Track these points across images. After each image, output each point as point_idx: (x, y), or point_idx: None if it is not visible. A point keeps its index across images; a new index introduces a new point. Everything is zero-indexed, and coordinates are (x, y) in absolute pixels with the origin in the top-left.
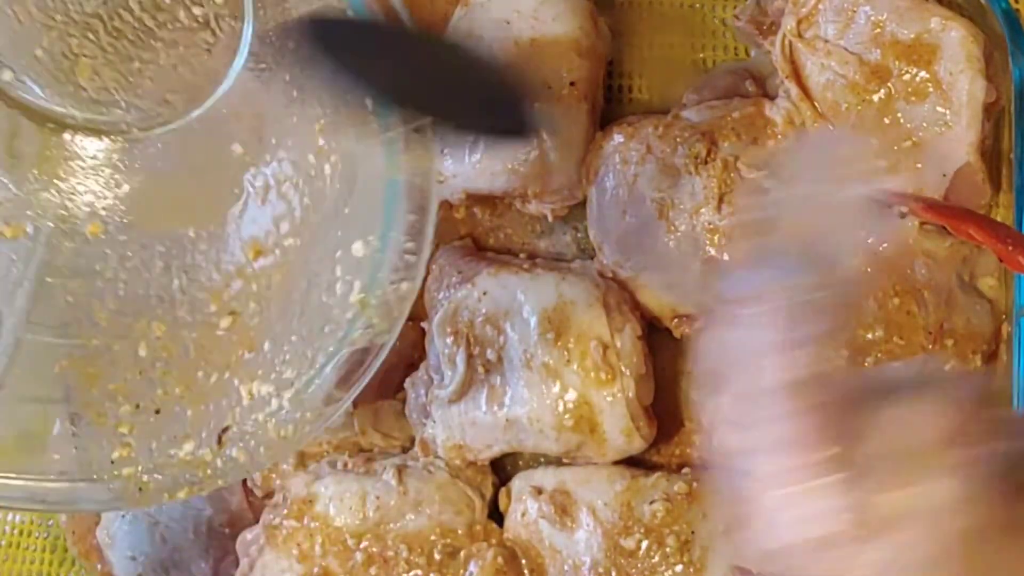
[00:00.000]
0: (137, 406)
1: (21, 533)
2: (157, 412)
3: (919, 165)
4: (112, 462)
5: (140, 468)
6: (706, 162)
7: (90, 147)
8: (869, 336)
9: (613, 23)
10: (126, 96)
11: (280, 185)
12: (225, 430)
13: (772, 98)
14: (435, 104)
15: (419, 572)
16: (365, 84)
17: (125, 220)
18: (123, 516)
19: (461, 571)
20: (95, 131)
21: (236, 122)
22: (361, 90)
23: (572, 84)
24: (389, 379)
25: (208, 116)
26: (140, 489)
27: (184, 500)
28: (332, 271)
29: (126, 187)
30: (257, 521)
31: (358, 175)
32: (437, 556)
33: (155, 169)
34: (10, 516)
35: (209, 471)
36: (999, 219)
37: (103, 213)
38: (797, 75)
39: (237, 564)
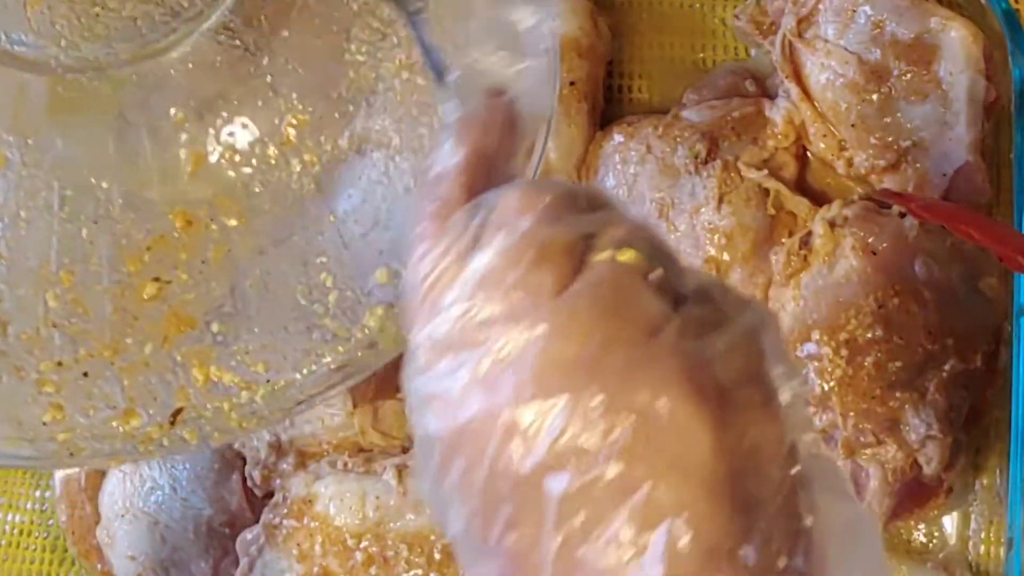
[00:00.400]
0: (59, 363)
1: (21, 533)
2: (85, 375)
3: (919, 165)
4: (44, 424)
5: (77, 435)
6: (706, 162)
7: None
8: (869, 336)
9: (613, 23)
10: (70, 36)
11: (225, 160)
12: (179, 412)
13: (772, 98)
14: None
15: (419, 572)
16: None
17: (30, 156)
18: (123, 516)
19: (461, 571)
20: (17, 62)
21: (181, 87)
22: None
23: (572, 84)
24: (389, 379)
25: (149, 72)
26: (71, 454)
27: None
28: (311, 276)
29: (34, 119)
30: (257, 521)
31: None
32: (437, 556)
33: (73, 112)
34: (10, 516)
35: (151, 447)
36: (999, 219)
37: (7, 141)
38: (797, 75)
39: (237, 564)
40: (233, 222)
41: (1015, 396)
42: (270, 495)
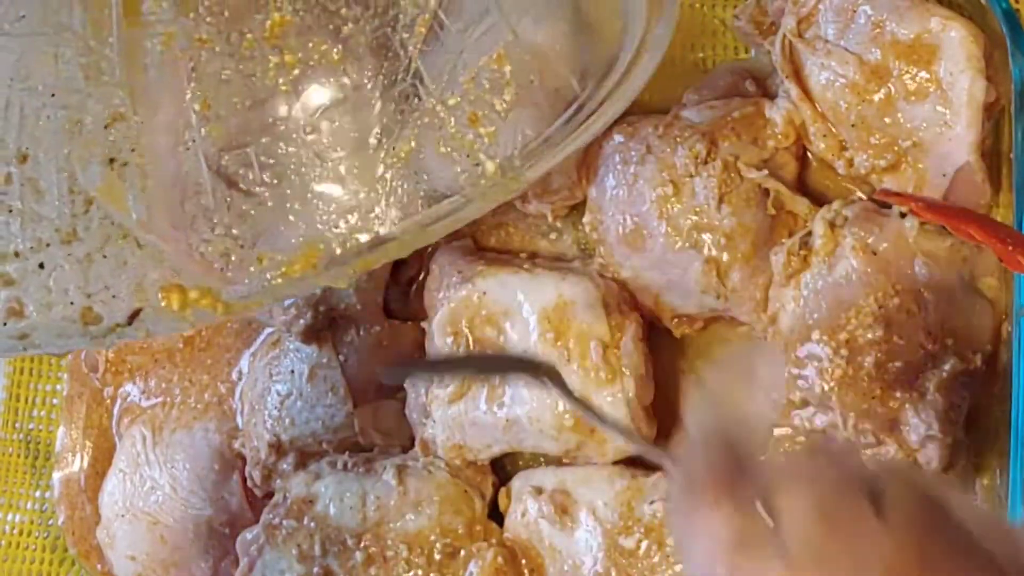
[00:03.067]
0: (16, 254)
1: (21, 533)
2: (41, 266)
3: (919, 165)
4: (3, 325)
5: (38, 334)
6: (706, 162)
7: None
8: (869, 336)
9: None
10: None
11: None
12: (137, 312)
13: (772, 98)
14: None
15: (419, 572)
16: None
17: None
18: (123, 516)
19: (461, 571)
20: None
21: None
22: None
23: None
24: None
25: None
26: (26, 348)
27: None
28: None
29: None
30: (257, 521)
31: None
32: (437, 556)
33: None
34: (10, 516)
35: (106, 338)
36: (999, 219)
37: None
38: (797, 75)
39: (237, 564)
40: (196, 106)
41: (1015, 396)
42: (270, 495)
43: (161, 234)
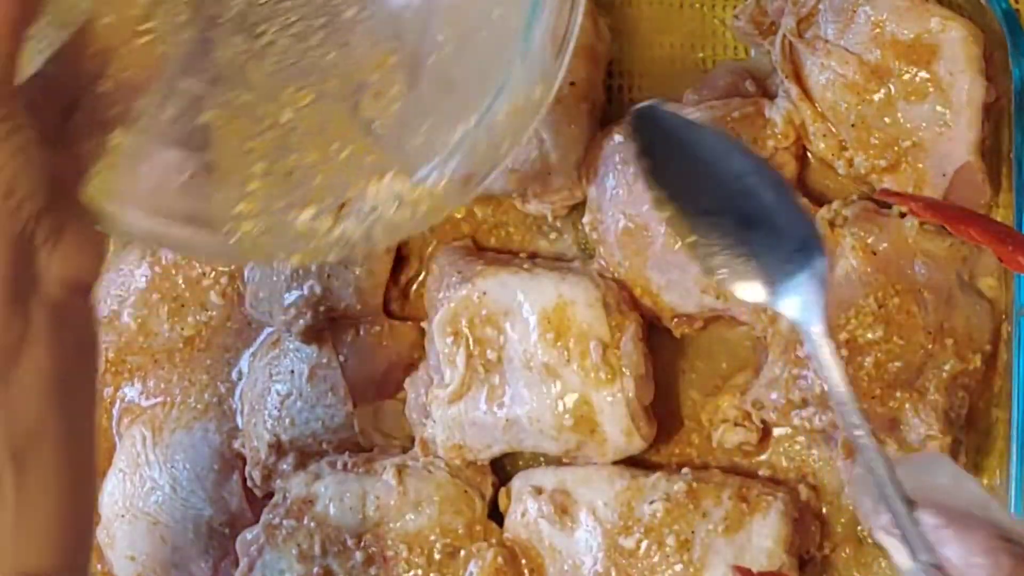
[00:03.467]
0: (271, 165)
1: None
2: (289, 174)
3: (919, 165)
4: (234, 216)
5: (258, 226)
6: None
7: None
8: (869, 336)
9: (613, 23)
10: None
11: None
12: (344, 204)
13: (772, 98)
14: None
15: (419, 572)
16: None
17: None
18: (123, 516)
19: (461, 571)
20: None
21: None
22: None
23: (572, 84)
24: (389, 379)
25: None
26: (253, 246)
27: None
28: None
29: None
30: (257, 521)
31: None
32: (437, 556)
33: None
34: None
35: (322, 242)
36: (999, 219)
37: None
38: (797, 75)
39: (237, 564)
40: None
41: (1015, 396)
42: (270, 495)
43: (387, 143)
